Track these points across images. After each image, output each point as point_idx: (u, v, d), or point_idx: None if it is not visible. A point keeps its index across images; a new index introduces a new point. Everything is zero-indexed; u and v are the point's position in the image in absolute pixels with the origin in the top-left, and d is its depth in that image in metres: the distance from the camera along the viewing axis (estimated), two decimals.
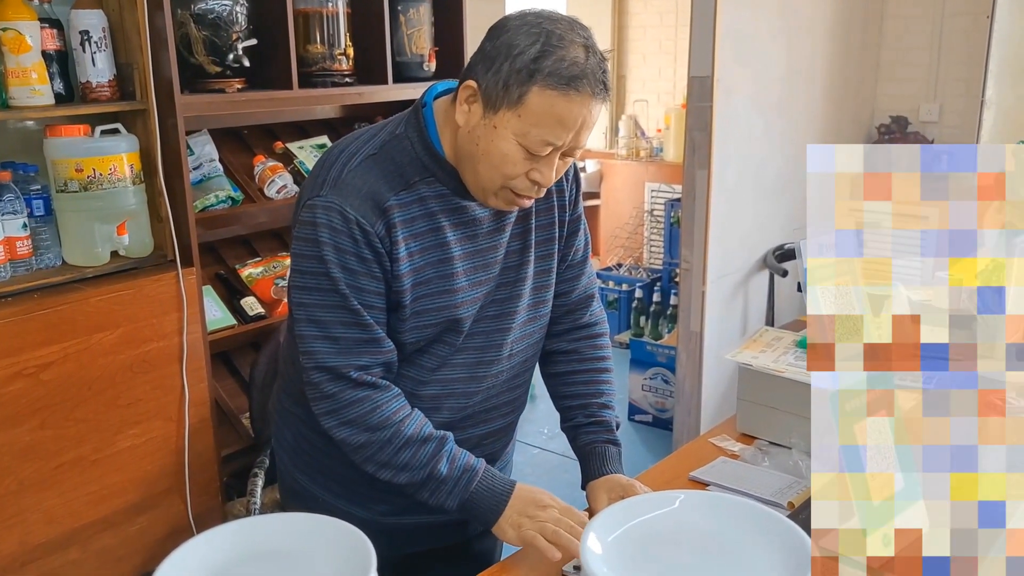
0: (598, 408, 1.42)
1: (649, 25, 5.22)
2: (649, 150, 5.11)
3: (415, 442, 1.22)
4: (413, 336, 1.26)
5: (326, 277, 1.18)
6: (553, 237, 1.36)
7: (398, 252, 1.19)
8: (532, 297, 1.35)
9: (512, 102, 1.12)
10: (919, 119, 3.83)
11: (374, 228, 1.17)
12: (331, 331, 1.20)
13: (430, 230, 1.22)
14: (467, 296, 1.27)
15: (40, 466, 1.83)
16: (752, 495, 1.32)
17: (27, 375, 1.78)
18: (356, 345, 1.21)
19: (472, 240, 1.26)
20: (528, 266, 1.33)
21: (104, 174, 1.91)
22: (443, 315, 1.25)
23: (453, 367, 1.31)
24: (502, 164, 1.16)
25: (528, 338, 1.38)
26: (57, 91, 1.91)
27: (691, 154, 2.89)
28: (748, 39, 2.94)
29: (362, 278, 1.19)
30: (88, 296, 1.87)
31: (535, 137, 1.13)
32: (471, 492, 1.22)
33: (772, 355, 1.58)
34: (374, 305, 1.21)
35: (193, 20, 2.16)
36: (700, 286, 2.97)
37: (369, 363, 1.22)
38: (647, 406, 3.76)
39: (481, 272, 1.28)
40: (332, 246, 1.17)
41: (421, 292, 1.23)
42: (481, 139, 1.16)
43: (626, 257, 5.15)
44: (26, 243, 1.86)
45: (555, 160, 1.17)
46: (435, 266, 1.23)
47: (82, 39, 1.91)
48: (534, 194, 1.21)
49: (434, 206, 1.22)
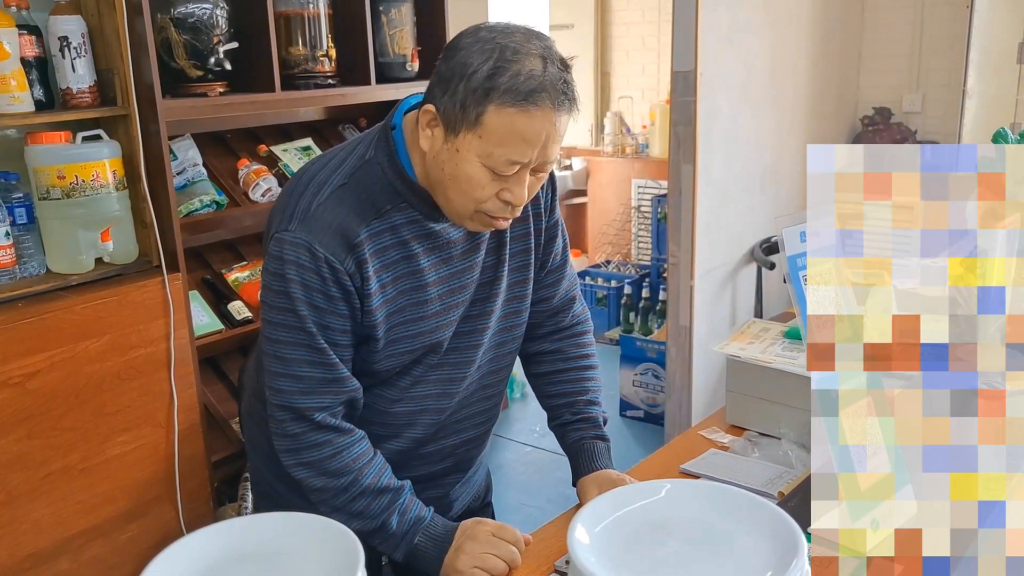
0: (584, 405, 1.41)
1: (632, 22, 5.23)
2: (635, 147, 5.12)
3: (371, 493, 1.21)
4: (388, 364, 1.25)
5: (292, 314, 1.16)
6: (528, 248, 1.34)
7: (369, 288, 1.17)
8: (504, 309, 1.34)
9: (471, 123, 1.09)
10: (902, 110, 3.85)
11: (344, 265, 1.15)
12: (295, 370, 1.18)
13: (403, 258, 1.20)
14: (442, 320, 1.25)
15: (28, 476, 1.82)
16: (742, 486, 1.32)
17: (13, 384, 1.77)
18: (319, 385, 1.19)
19: (447, 263, 1.24)
20: (501, 281, 1.31)
21: (87, 181, 1.90)
22: (419, 342, 1.24)
23: (426, 384, 1.30)
24: (470, 188, 1.13)
25: (499, 348, 1.36)
26: (37, 98, 1.90)
27: (676, 149, 2.90)
28: (730, 33, 2.95)
29: (328, 316, 1.17)
30: (73, 304, 1.86)
31: (499, 157, 1.09)
32: (416, 544, 1.21)
33: (760, 346, 1.58)
34: (340, 343, 1.19)
35: (173, 24, 2.15)
36: (688, 281, 2.97)
37: (331, 403, 1.20)
38: (638, 402, 3.77)
39: (457, 294, 1.26)
40: (300, 283, 1.15)
41: (395, 321, 1.22)
42: (446, 164, 1.13)
43: (614, 254, 5.16)
44: (9, 252, 1.85)
45: (525, 178, 1.14)
46: (408, 294, 1.21)
47: (61, 45, 1.90)
48: (509, 214, 1.17)
49: (406, 233, 1.20)
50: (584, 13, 5.28)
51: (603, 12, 5.31)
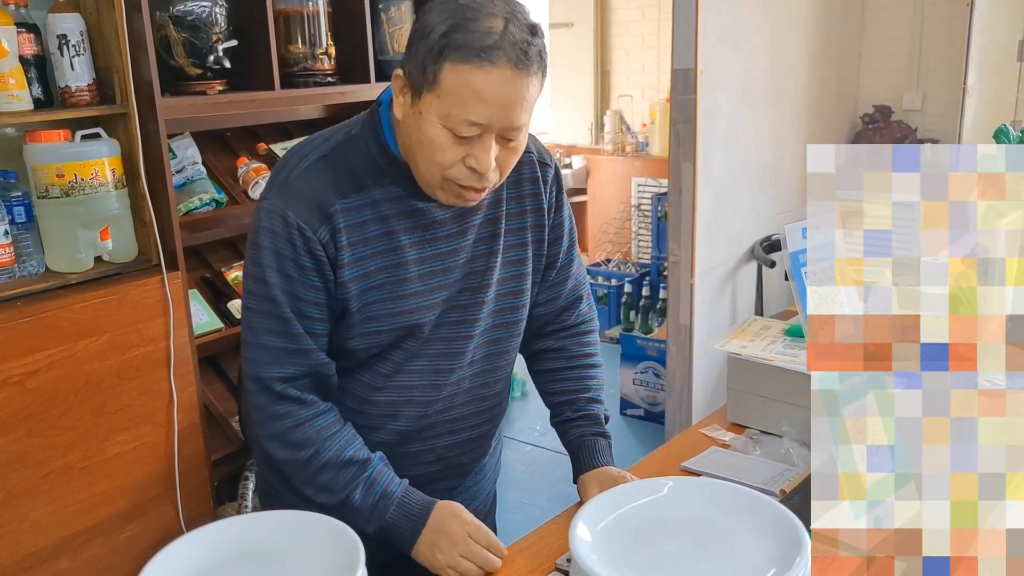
0: (586, 402, 1.40)
1: (632, 20, 5.23)
2: (635, 145, 5.11)
3: (334, 465, 1.19)
4: (365, 342, 1.22)
5: (263, 283, 1.16)
6: (525, 242, 1.31)
7: (343, 258, 1.16)
8: (497, 304, 1.30)
9: (430, 84, 1.07)
10: (902, 108, 3.84)
11: (316, 235, 1.14)
12: (261, 339, 1.18)
13: (383, 234, 1.18)
14: (422, 302, 1.22)
15: (28, 475, 1.81)
16: (744, 484, 1.32)
17: (12, 383, 1.77)
18: (282, 355, 1.18)
19: (431, 243, 1.22)
20: (493, 272, 1.28)
21: (86, 179, 1.89)
22: (397, 321, 1.22)
23: (410, 373, 1.27)
24: (432, 152, 1.10)
25: (493, 346, 1.33)
26: (36, 96, 1.89)
27: (676, 147, 2.90)
28: (730, 31, 2.95)
29: (298, 286, 1.16)
30: (72, 303, 1.86)
31: (457, 117, 1.07)
32: (387, 520, 1.19)
33: (761, 344, 1.58)
34: (311, 315, 1.18)
35: (172, 22, 2.14)
36: (688, 279, 2.97)
37: (294, 374, 1.19)
38: (638, 400, 3.76)
39: (440, 276, 1.23)
40: (271, 251, 1.15)
41: (372, 298, 1.20)
42: (413, 129, 1.12)
43: (614, 252, 5.16)
44: (8, 250, 1.85)
45: (490, 144, 1.10)
46: (387, 271, 1.19)
47: (60, 43, 1.89)
48: (478, 184, 1.13)
49: (388, 209, 1.18)
50: (584, 11, 5.28)
51: (603, 11, 5.31)
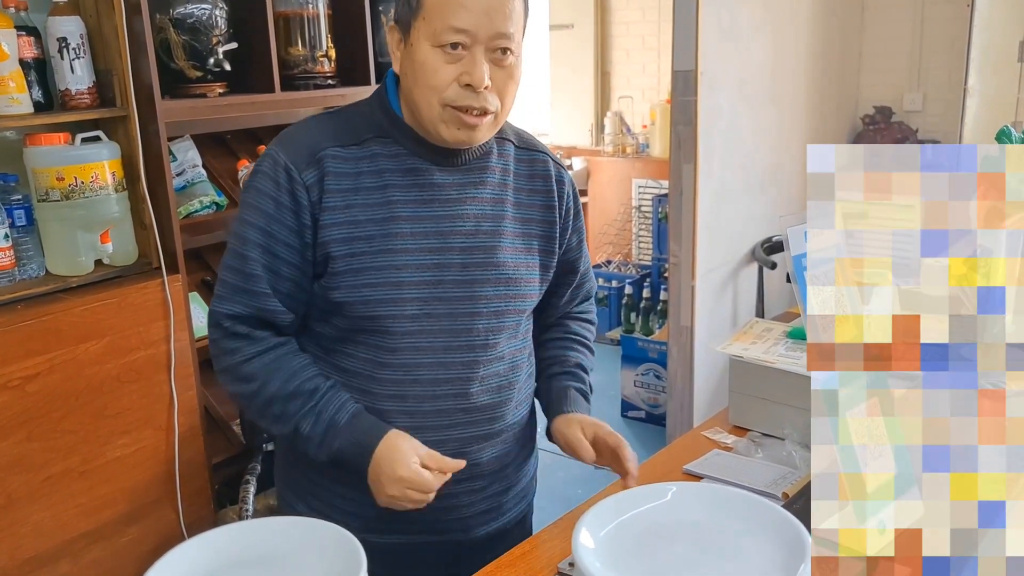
0: (573, 366, 1.41)
1: (632, 21, 5.22)
2: (635, 146, 5.11)
3: (282, 397, 1.19)
4: (351, 296, 1.19)
5: (241, 221, 1.20)
6: (532, 234, 1.30)
7: (327, 202, 1.17)
8: (505, 288, 1.27)
9: (414, 12, 1.13)
10: (903, 108, 3.84)
11: (301, 176, 1.17)
12: (223, 274, 1.22)
13: (378, 187, 1.20)
14: (412, 260, 1.20)
15: (28, 479, 1.81)
16: (746, 487, 1.31)
17: (12, 387, 1.76)
18: (233, 292, 1.20)
19: (427, 205, 1.22)
20: (498, 252, 1.26)
21: (86, 182, 1.89)
22: (384, 276, 1.19)
23: (415, 351, 1.22)
24: (427, 77, 1.14)
25: (502, 332, 1.28)
26: (36, 99, 1.89)
27: (677, 149, 2.89)
28: (731, 32, 2.94)
29: (273, 223, 1.18)
30: (73, 306, 1.85)
31: (442, 28, 1.11)
32: (335, 450, 1.18)
33: (763, 346, 1.57)
34: (278, 254, 1.19)
35: (172, 25, 2.14)
36: (689, 281, 2.97)
37: (241, 312, 1.20)
38: (639, 402, 3.76)
39: (434, 239, 1.21)
40: (255, 188, 1.19)
41: (359, 248, 1.19)
42: (408, 68, 1.17)
43: (615, 254, 5.15)
44: (8, 254, 1.84)
45: (479, 57, 1.13)
46: (378, 224, 1.19)
47: (60, 46, 1.89)
48: (475, 103, 1.15)
49: (386, 164, 1.21)
50: (584, 13, 5.28)
51: (603, 12, 5.30)
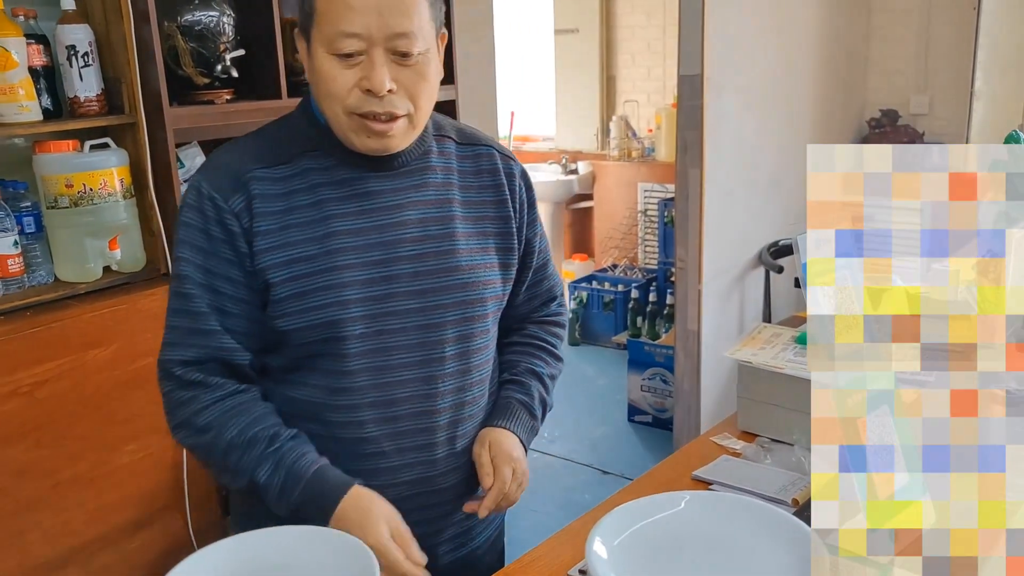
0: (523, 371, 1.34)
1: (637, 25, 5.22)
2: (641, 150, 5.11)
3: (239, 445, 1.11)
4: (297, 322, 1.13)
5: (176, 261, 1.14)
6: (486, 233, 1.25)
7: (259, 226, 1.12)
8: (462, 293, 1.20)
9: (309, 17, 1.09)
10: (909, 112, 3.83)
11: (228, 204, 1.11)
12: (169, 319, 1.15)
13: (312, 204, 1.14)
14: (358, 275, 1.14)
15: (37, 485, 1.81)
16: (756, 493, 1.31)
17: (22, 394, 1.77)
18: (183, 336, 1.13)
19: (366, 215, 1.16)
20: (452, 257, 1.20)
21: (94, 189, 1.90)
22: (329, 296, 1.12)
23: (374, 372, 1.16)
24: (327, 85, 1.09)
25: (468, 341, 1.23)
26: (45, 107, 1.90)
27: (683, 153, 2.89)
28: (737, 36, 2.94)
29: (210, 258, 1.12)
30: (81, 312, 1.86)
31: (334, 34, 1.06)
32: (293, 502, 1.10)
33: (771, 352, 1.57)
34: (221, 290, 1.12)
35: (180, 32, 2.14)
36: (696, 285, 2.96)
37: (197, 357, 1.13)
38: (646, 406, 3.75)
39: (377, 251, 1.15)
40: (183, 223, 1.14)
41: (301, 271, 1.12)
42: (312, 79, 1.12)
43: (621, 258, 5.15)
44: (17, 261, 1.85)
45: (378, 59, 1.07)
46: (317, 242, 1.13)
47: (69, 54, 1.90)
48: (379, 108, 1.09)
49: (318, 179, 1.15)
50: (589, 17, 5.28)
51: (608, 16, 5.31)
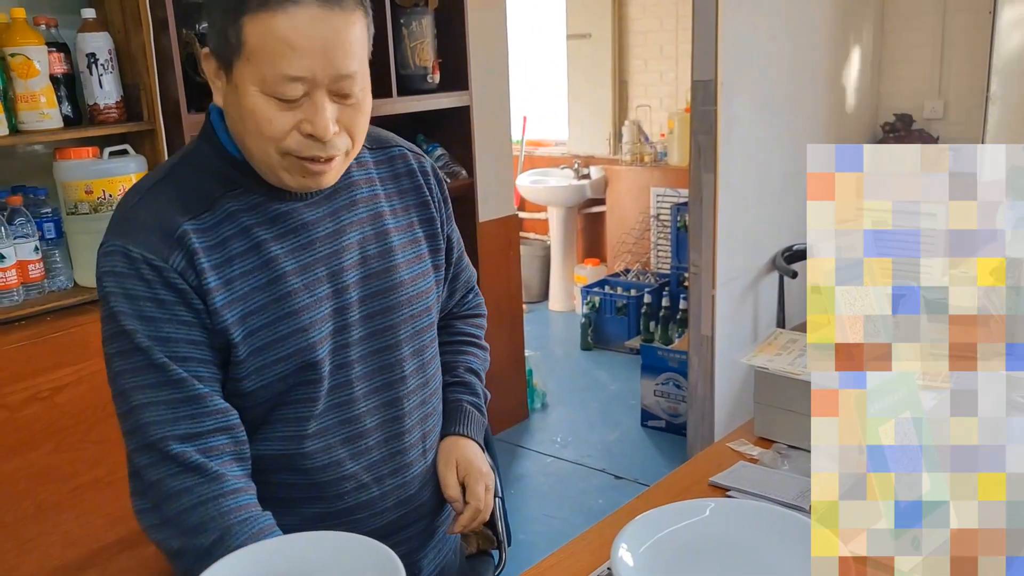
0: (464, 370, 1.31)
1: (649, 30, 5.22)
2: (653, 155, 5.11)
3: None
4: (262, 379, 1.05)
5: (122, 335, 0.98)
6: (418, 238, 1.20)
7: (208, 283, 1.00)
8: (411, 307, 1.17)
9: (235, 48, 0.95)
10: (923, 116, 3.82)
11: (169, 262, 0.99)
12: (138, 399, 0.99)
13: (250, 248, 1.03)
14: (314, 315, 1.06)
15: (57, 488, 1.83)
16: (774, 499, 1.31)
17: (42, 398, 1.79)
18: (170, 409, 0.98)
19: (308, 248, 1.07)
20: (395, 273, 1.15)
21: (114, 195, 1.92)
22: (293, 343, 1.05)
23: (340, 408, 1.11)
24: (258, 125, 0.97)
25: (421, 355, 1.20)
26: (65, 114, 1.93)
27: (697, 158, 2.89)
28: (750, 41, 2.94)
29: (165, 326, 0.99)
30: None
31: (273, 76, 0.94)
32: None
33: (788, 358, 1.57)
34: (187, 357, 1.00)
35: (198, 40, 2.17)
36: (710, 290, 2.96)
37: (191, 430, 0.99)
38: (660, 411, 3.75)
39: (327, 283, 1.08)
40: (121, 295, 0.98)
41: (257, 323, 1.03)
42: (233, 108, 0.99)
43: (633, 262, 5.14)
44: (38, 266, 1.87)
45: (322, 102, 0.97)
46: (265, 289, 1.04)
47: (89, 62, 1.92)
48: (322, 152, 1.00)
49: (248, 220, 1.04)
50: (601, 22, 5.29)
51: (620, 21, 5.31)
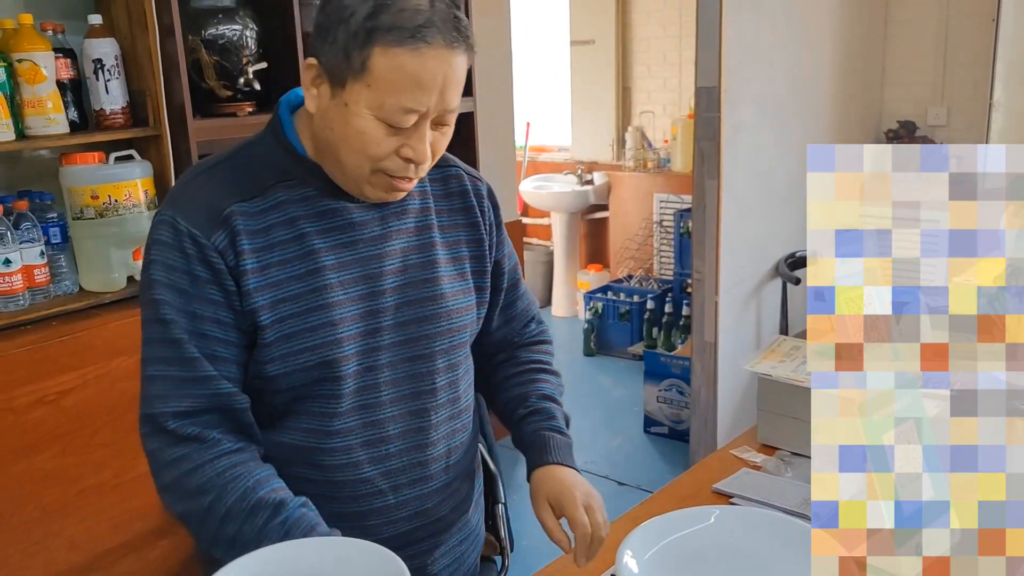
0: (538, 399, 1.27)
1: (653, 37, 5.23)
2: (656, 161, 5.11)
3: (239, 513, 1.00)
4: (287, 366, 1.06)
5: (153, 304, 1.03)
6: (463, 257, 1.20)
7: (245, 265, 1.04)
8: (447, 322, 1.17)
9: (357, 72, 0.98)
10: (927, 123, 3.82)
11: (211, 240, 1.02)
12: (151, 370, 1.04)
13: (293, 238, 1.07)
14: (347, 311, 1.08)
15: (62, 492, 1.84)
16: (777, 506, 1.31)
17: (48, 402, 1.79)
18: (175, 386, 1.02)
19: (350, 247, 1.10)
20: (435, 285, 1.16)
21: (119, 200, 1.93)
22: (321, 336, 1.06)
23: (365, 410, 1.12)
24: (364, 145, 1.01)
25: (453, 371, 1.20)
26: (72, 119, 1.94)
27: (700, 164, 2.90)
28: (754, 48, 2.95)
29: (195, 301, 1.03)
30: (106, 321, 1.88)
31: (392, 106, 0.98)
32: None
33: (791, 365, 1.57)
34: (210, 334, 1.03)
35: (204, 45, 2.18)
36: (713, 296, 2.96)
37: (191, 408, 1.03)
38: (662, 418, 3.75)
39: (363, 284, 1.10)
40: (161, 264, 1.03)
41: (288, 311, 1.05)
42: (335, 122, 1.02)
43: (636, 269, 5.15)
44: (44, 271, 1.88)
45: (425, 130, 1.02)
46: (302, 279, 1.06)
47: (95, 67, 1.93)
48: (412, 175, 1.06)
49: (296, 211, 1.07)
50: (605, 29, 5.30)
51: (624, 27, 5.32)
